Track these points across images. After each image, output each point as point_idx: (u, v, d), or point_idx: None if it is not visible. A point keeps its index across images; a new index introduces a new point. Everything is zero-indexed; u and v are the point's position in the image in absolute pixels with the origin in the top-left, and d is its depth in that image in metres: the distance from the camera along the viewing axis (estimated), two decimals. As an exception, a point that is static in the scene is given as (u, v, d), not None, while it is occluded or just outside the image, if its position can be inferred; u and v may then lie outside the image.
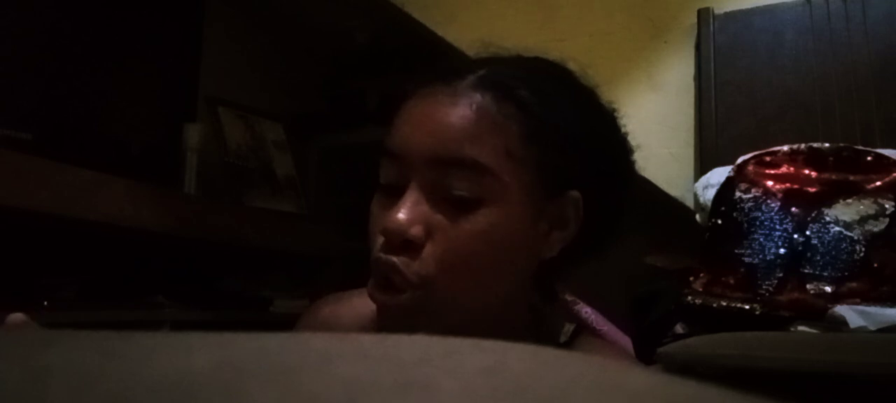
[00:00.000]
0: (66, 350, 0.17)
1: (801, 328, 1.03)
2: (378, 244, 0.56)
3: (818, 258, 1.09)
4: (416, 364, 0.17)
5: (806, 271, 1.09)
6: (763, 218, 1.16)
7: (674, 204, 1.62)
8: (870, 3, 1.63)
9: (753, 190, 1.19)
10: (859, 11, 1.63)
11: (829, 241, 1.10)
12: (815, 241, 1.10)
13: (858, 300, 1.03)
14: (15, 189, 1.41)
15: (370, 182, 0.60)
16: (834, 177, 1.16)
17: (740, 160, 1.25)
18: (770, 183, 1.19)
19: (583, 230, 0.59)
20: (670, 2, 1.94)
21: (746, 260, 1.13)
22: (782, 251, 1.11)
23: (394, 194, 0.56)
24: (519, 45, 0.64)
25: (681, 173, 1.81)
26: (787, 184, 1.18)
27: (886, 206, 1.10)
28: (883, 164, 1.15)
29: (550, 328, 0.64)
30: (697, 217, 1.34)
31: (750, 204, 1.18)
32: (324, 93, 2.59)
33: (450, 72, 0.57)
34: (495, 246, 0.55)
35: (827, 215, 1.12)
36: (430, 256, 0.54)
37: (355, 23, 2.29)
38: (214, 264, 2.00)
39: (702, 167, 1.66)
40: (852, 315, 0.98)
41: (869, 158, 1.16)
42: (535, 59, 0.64)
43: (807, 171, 1.18)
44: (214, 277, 1.98)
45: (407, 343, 0.19)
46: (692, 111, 1.84)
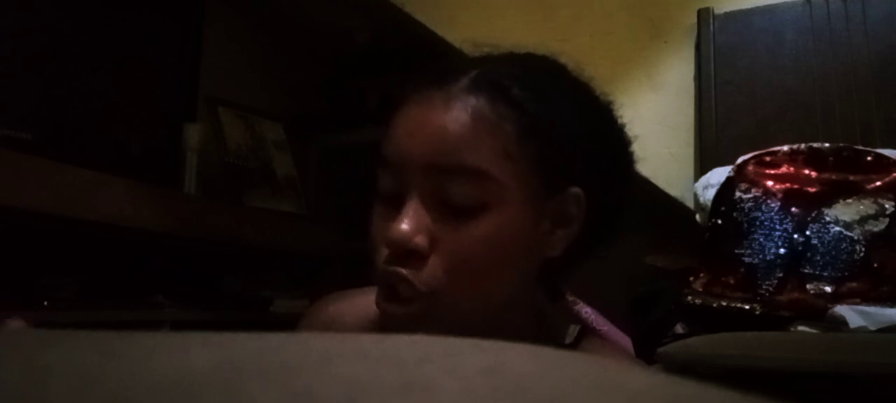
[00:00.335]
0: (66, 350, 0.17)
1: (801, 328, 1.03)
2: (382, 255, 0.55)
3: (818, 258, 1.09)
4: (416, 364, 0.17)
5: (806, 271, 1.09)
6: (763, 218, 1.16)
7: (674, 204, 1.62)
8: (870, 3, 1.63)
9: (753, 190, 1.19)
10: (859, 11, 1.63)
11: (829, 241, 1.10)
12: (815, 241, 1.10)
13: (858, 300, 1.03)
14: (15, 189, 1.41)
15: (370, 182, 0.59)
16: (834, 177, 1.16)
17: (740, 160, 1.25)
18: (770, 183, 1.19)
19: (585, 226, 0.59)
20: (670, 2, 1.94)
21: (746, 260, 1.13)
22: (782, 251, 1.11)
23: (394, 203, 0.56)
24: (518, 45, 0.64)
25: (681, 173, 1.81)
26: (787, 184, 1.18)
27: (886, 206, 1.10)
28: (883, 164, 1.15)
29: (554, 328, 0.64)
30: (697, 217, 1.34)
31: (750, 204, 1.18)
32: (324, 93, 2.59)
33: (443, 75, 0.57)
34: (500, 250, 0.55)
35: (827, 215, 1.12)
36: (437, 266, 0.54)
37: (355, 23, 2.29)
38: (214, 264, 2.00)
39: (702, 167, 1.66)
40: (852, 315, 0.98)
41: (869, 158, 1.16)
42: (528, 56, 0.63)
43: (807, 171, 1.18)
44: (214, 277, 1.98)
45: (407, 343, 0.19)
46: (692, 111, 1.84)
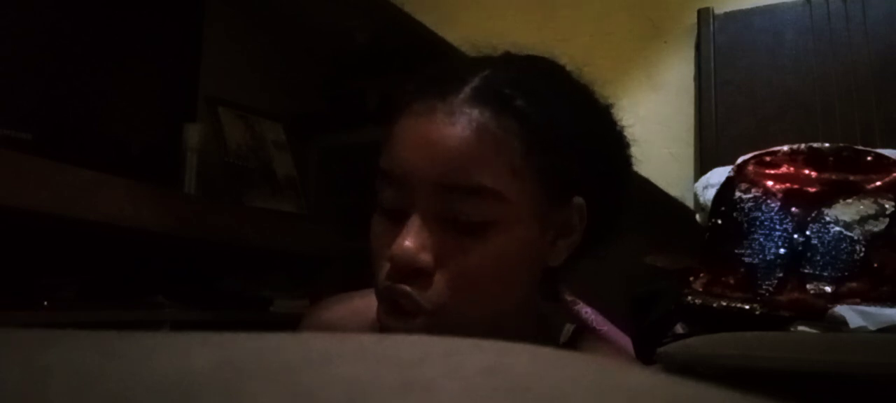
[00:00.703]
0: (66, 350, 0.17)
1: (801, 328, 1.03)
2: (384, 270, 0.54)
3: (818, 258, 1.09)
4: (416, 364, 0.16)
5: (806, 271, 1.09)
6: (763, 218, 1.16)
7: (674, 204, 1.62)
8: (870, 3, 1.63)
9: (753, 190, 1.19)
10: (859, 11, 1.63)
11: (829, 241, 1.10)
12: (815, 241, 1.10)
13: (858, 300, 1.03)
14: (15, 189, 1.41)
15: (370, 182, 0.58)
16: (834, 177, 1.16)
17: (740, 160, 1.25)
18: (770, 183, 1.19)
19: (586, 233, 0.59)
20: (670, 2, 1.94)
21: (746, 260, 1.13)
22: (782, 251, 1.11)
23: (396, 217, 0.55)
24: (518, 45, 0.63)
25: (681, 173, 1.80)
26: (787, 184, 1.17)
27: (886, 206, 1.10)
28: (883, 164, 1.15)
29: (552, 328, 0.64)
30: (697, 217, 1.34)
31: (750, 204, 1.18)
32: (324, 93, 2.59)
33: (444, 84, 0.56)
34: (505, 266, 0.54)
35: (827, 215, 1.12)
36: (442, 283, 0.53)
37: (355, 23, 2.29)
38: (214, 264, 2.00)
39: (702, 167, 1.66)
40: (852, 315, 0.98)
41: (869, 158, 1.16)
42: (528, 58, 0.63)
43: (807, 171, 1.18)
44: (214, 277, 1.98)
45: (407, 343, 0.19)
46: (692, 111, 1.84)
